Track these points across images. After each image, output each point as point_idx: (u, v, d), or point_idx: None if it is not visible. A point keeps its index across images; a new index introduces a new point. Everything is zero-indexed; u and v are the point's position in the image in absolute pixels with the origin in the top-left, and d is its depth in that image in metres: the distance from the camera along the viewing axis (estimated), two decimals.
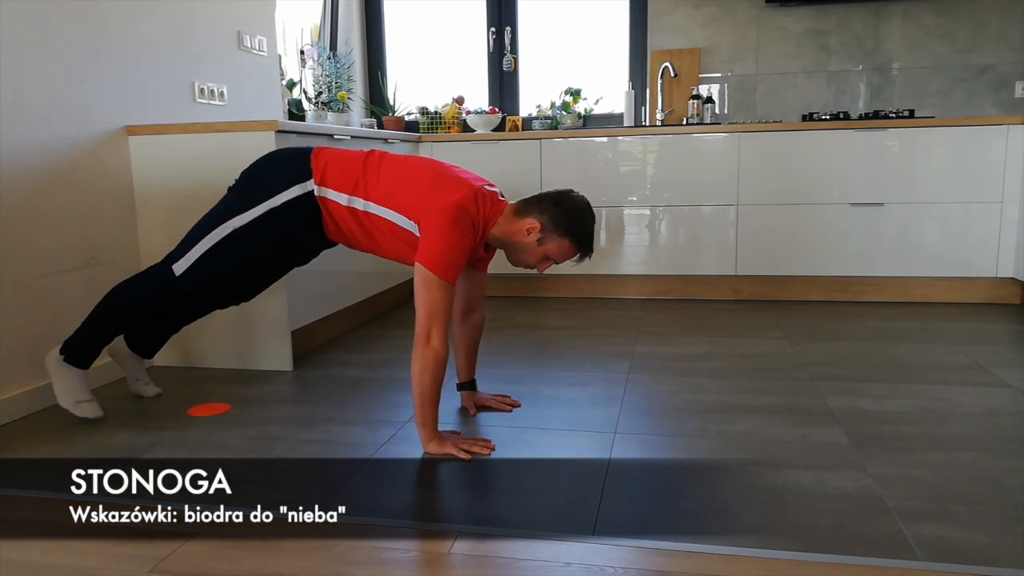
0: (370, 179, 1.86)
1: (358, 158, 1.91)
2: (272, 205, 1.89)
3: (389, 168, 1.88)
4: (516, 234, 1.87)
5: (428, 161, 1.94)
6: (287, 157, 1.97)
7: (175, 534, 1.44)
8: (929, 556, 1.31)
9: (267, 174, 1.94)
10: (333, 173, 1.88)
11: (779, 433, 1.91)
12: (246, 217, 1.91)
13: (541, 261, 1.91)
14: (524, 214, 1.87)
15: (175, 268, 1.96)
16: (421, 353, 1.74)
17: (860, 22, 3.90)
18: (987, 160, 3.33)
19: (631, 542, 1.38)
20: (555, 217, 1.85)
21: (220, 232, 1.93)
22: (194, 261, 1.95)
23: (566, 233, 1.86)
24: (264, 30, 3.30)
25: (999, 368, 2.43)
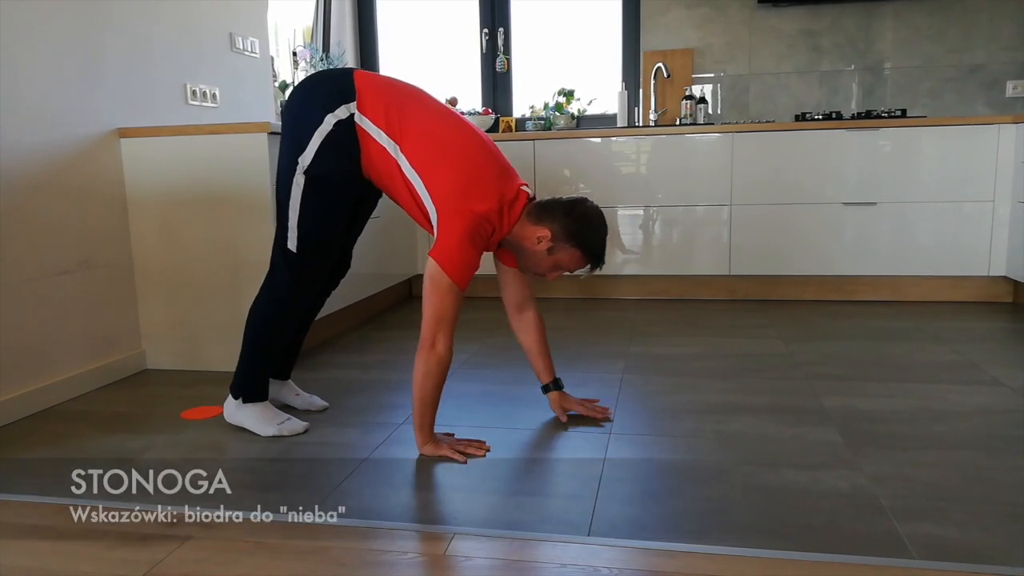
0: (414, 134, 1.76)
1: (412, 103, 1.80)
2: (325, 131, 1.77)
3: (437, 133, 1.78)
4: (526, 240, 1.83)
5: (467, 139, 1.80)
6: (329, 78, 1.85)
7: (169, 537, 1.43)
8: (923, 555, 1.31)
9: (312, 99, 1.81)
10: (376, 105, 1.77)
11: (773, 432, 1.91)
12: (309, 153, 1.78)
13: (551, 270, 1.87)
14: (535, 221, 1.82)
15: (289, 247, 1.86)
16: (425, 358, 1.72)
17: (852, 22, 3.91)
18: (979, 159, 3.35)
19: (626, 542, 1.38)
20: (566, 227, 1.80)
21: (297, 184, 1.81)
22: (297, 228, 1.84)
23: (577, 244, 1.82)
24: (256, 32, 3.29)
25: (992, 367, 2.44)
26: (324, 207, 1.85)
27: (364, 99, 1.78)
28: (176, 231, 2.54)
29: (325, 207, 1.85)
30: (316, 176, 1.81)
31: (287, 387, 2.15)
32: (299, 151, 1.80)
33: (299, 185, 1.81)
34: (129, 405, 2.24)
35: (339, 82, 1.81)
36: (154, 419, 2.12)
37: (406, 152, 1.76)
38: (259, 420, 1.97)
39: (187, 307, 2.56)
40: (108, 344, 2.48)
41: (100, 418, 2.13)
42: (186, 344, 2.59)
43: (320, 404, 2.15)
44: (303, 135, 1.79)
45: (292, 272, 1.89)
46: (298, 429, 1.97)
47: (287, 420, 1.98)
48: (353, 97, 1.77)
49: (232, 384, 1.99)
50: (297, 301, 1.95)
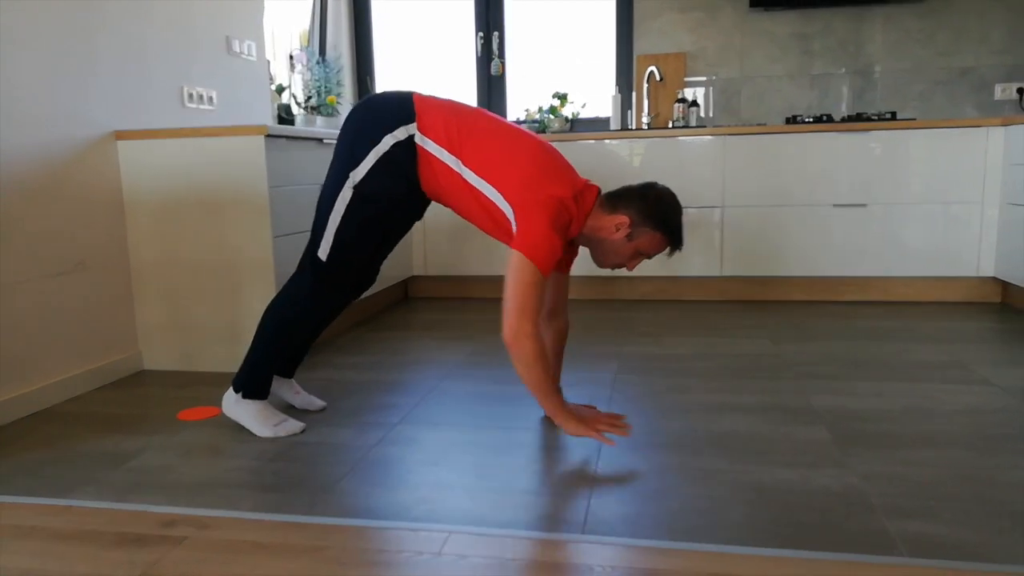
0: (474, 145, 1.78)
1: (469, 118, 1.82)
2: (381, 151, 1.79)
3: (498, 138, 1.79)
4: (603, 231, 1.81)
5: (530, 140, 1.82)
6: (388, 100, 1.85)
7: (165, 538, 1.43)
8: (913, 552, 1.33)
9: (371, 118, 1.83)
10: (436, 124, 1.79)
11: (764, 432, 1.93)
12: (361, 170, 1.81)
13: (632, 258, 1.85)
14: (610, 210, 1.81)
15: (320, 256, 1.87)
16: (518, 353, 1.71)
17: (843, 26, 3.94)
18: (968, 161, 3.38)
19: (621, 541, 1.39)
20: (643, 210, 1.79)
21: (344, 197, 1.82)
22: (333, 238, 1.85)
23: (657, 226, 1.80)
24: (253, 35, 3.30)
25: (981, 366, 2.46)
26: (364, 224, 1.86)
27: (424, 120, 1.80)
28: (173, 233, 2.54)
29: (365, 224, 1.86)
30: (364, 193, 1.82)
31: (289, 385, 2.16)
32: (352, 165, 1.82)
33: (345, 199, 1.83)
34: (125, 406, 2.25)
35: (400, 104, 1.82)
36: (150, 420, 2.12)
37: (469, 164, 1.77)
38: (256, 418, 1.97)
39: (183, 309, 2.57)
40: (104, 345, 2.48)
41: (96, 419, 2.13)
42: (182, 345, 2.60)
43: (319, 404, 2.16)
44: (359, 151, 1.81)
45: (317, 279, 1.89)
46: (294, 430, 1.98)
47: (284, 421, 1.99)
48: (413, 118, 1.80)
49: (235, 377, 1.99)
50: (317, 308, 1.94)
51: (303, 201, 2.70)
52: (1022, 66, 3.81)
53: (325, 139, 2.85)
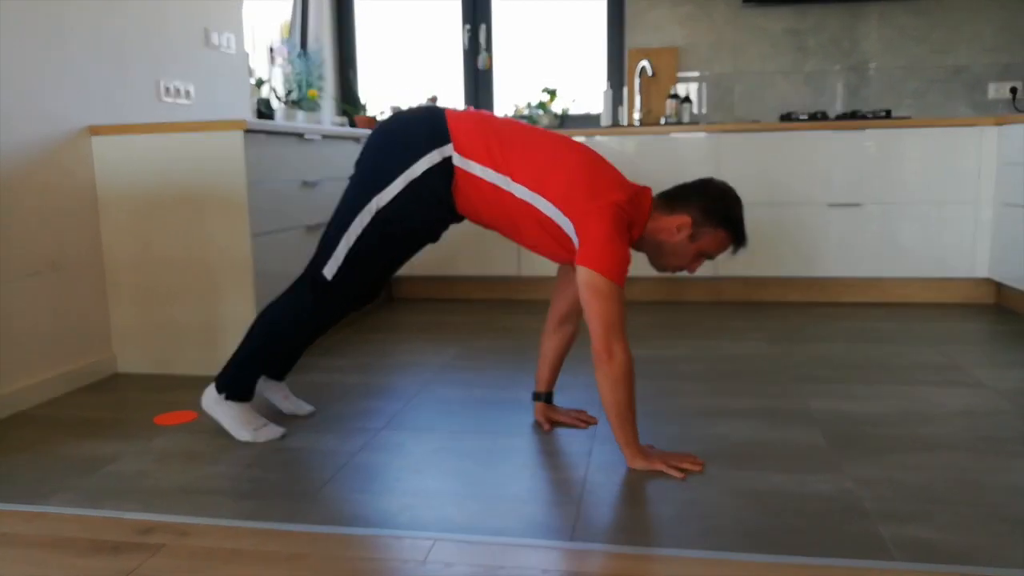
0: (519, 159, 1.70)
1: (507, 131, 1.74)
2: (412, 176, 1.71)
3: (542, 149, 1.72)
4: (663, 233, 1.74)
5: (583, 150, 1.75)
6: (418, 119, 1.76)
7: (142, 545, 1.40)
8: (907, 556, 1.31)
9: (400, 141, 1.74)
10: (476, 143, 1.71)
11: (759, 435, 1.90)
12: (388, 194, 1.72)
13: (694, 260, 1.78)
14: (668, 211, 1.74)
15: (325, 273, 1.80)
16: (607, 371, 1.64)
17: (837, 22, 3.92)
18: (962, 161, 3.36)
19: (610, 547, 1.36)
20: (705, 208, 1.72)
21: (363, 218, 1.74)
22: (344, 258, 1.78)
23: (720, 223, 1.73)
24: (232, 27, 3.24)
25: (976, 368, 2.44)
26: (380, 249, 1.80)
27: (461, 139, 1.72)
28: (149, 231, 2.48)
29: (381, 249, 1.80)
30: (386, 217, 1.75)
31: (278, 389, 2.10)
32: (377, 190, 1.74)
33: (363, 222, 1.76)
34: (100, 410, 2.19)
35: (432, 124, 1.73)
36: (126, 424, 2.07)
37: (518, 179, 1.70)
38: (236, 421, 1.92)
39: (160, 310, 2.51)
40: (78, 347, 2.42)
41: (70, 424, 2.08)
42: (159, 348, 2.54)
43: (307, 409, 2.11)
44: (386, 176, 1.73)
45: (316, 297, 1.84)
46: (274, 435, 1.93)
47: (264, 425, 1.94)
48: (448, 139, 1.72)
49: (219, 376, 1.93)
50: (314, 324, 1.89)
51: (283, 198, 2.65)
52: (1015, 65, 3.80)
53: (306, 134, 2.79)
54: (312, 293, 1.83)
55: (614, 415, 1.67)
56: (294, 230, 2.72)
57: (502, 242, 3.71)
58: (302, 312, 1.86)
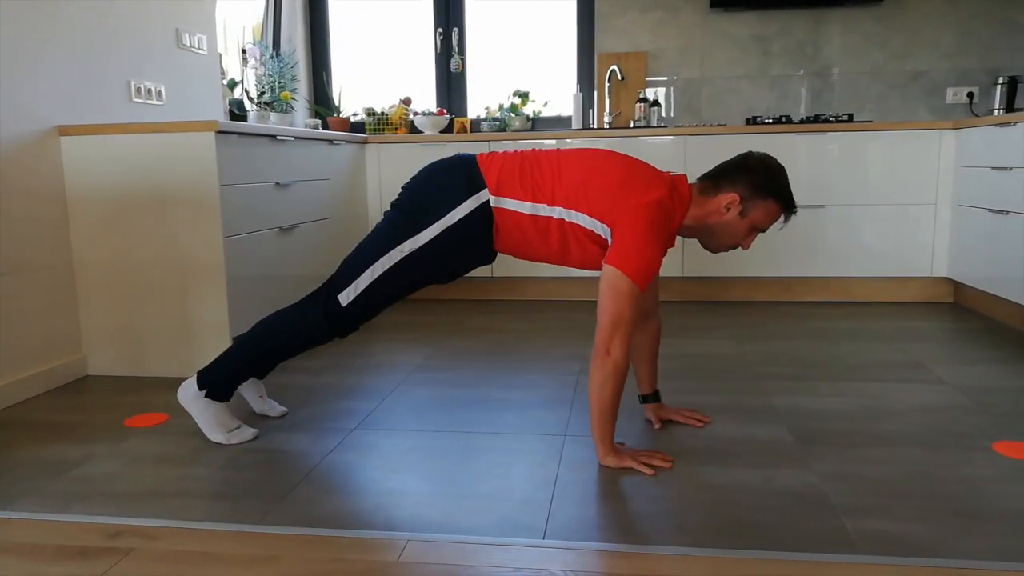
0: (552, 182, 1.73)
1: (533, 160, 1.78)
2: (448, 223, 1.75)
3: (570, 166, 1.74)
4: (712, 215, 1.75)
5: (610, 155, 1.77)
6: (454, 168, 1.79)
7: (111, 550, 1.38)
8: (870, 550, 1.34)
9: (437, 189, 1.78)
10: (509, 180, 1.74)
11: (726, 432, 1.93)
12: (421, 239, 1.76)
13: (747, 235, 1.78)
14: (714, 192, 1.75)
15: (341, 298, 1.81)
16: (600, 365, 1.66)
17: (801, 28, 3.99)
18: (921, 163, 3.45)
19: (581, 544, 1.38)
20: (752, 182, 1.73)
21: (392, 257, 1.78)
22: (364, 289, 1.80)
23: (769, 194, 1.73)
24: (204, 28, 3.22)
25: (935, 365, 2.50)
26: (405, 285, 1.83)
27: (493, 181, 1.75)
28: (119, 232, 2.46)
29: (406, 286, 1.83)
30: (415, 258, 1.78)
31: (256, 387, 2.09)
32: (412, 232, 1.77)
33: (392, 260, 1.78)
34: (69, 413, 2.16)
35: (467, 171, 1.77)
36: (95, 427, 2.04)
37: (556, 202, 1.72)
38: (210, 420, 1.91)
39: (131, 311, 2.49)
40: (47, 349, 2.39)
41: (39, 426, 2.05)
42: (130, 349, 2.51)
43: (279, 410, 2.11)
44: (423, 223, 1.76)
45: (328, 323, 1.84)
46: (247, 437, 1.92)
47: (238, 428, 1.93)
48: (483, 184, 1.75)
49: (203, 371, 1.91)
50: (316, 343, 1.89)
51: (256, 200, 2.64)
52: (972, 71, 3.90)
53: (279, 135, 2.78)
54: (324, 316, 1.83)
55: (596, 410, 1.69)
56: (267, 232, 2.71)
57: None
58: (309, 331, 1.86)
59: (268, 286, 2.72)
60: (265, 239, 2.70)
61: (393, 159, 3.77)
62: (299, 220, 2.97)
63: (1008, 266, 2.94)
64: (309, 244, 3.07)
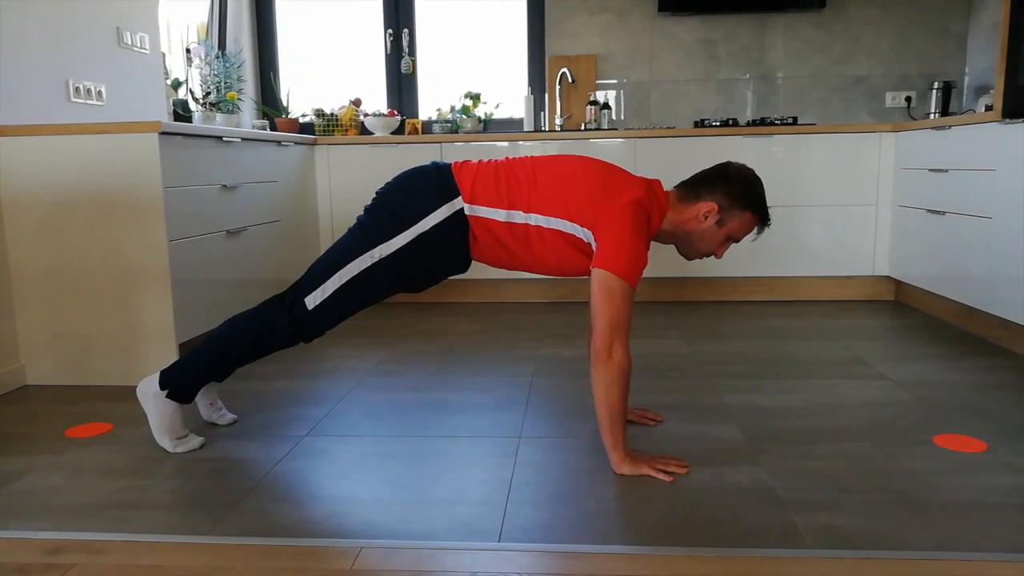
0: (528, 189, 1.73)
1: (508, 168, 1.78)
2: (421, 229, 1.74)
3: (546, 173, 1.74)
4: (690, 222, 1.77)
5: (585, 160, 1.78)
6: (428, 175, 1.79)
7: (51, 566, 1.34)
8: (819, 544, 1.37)
9: (410, 196, 1.77)
10: (484, 188, 1.74)
11: (678, 431, 1.96)
12: (393, 245, 1.75)
13: (722, 244, 1.81)
14: (693, 199, 1.77)
15: (307, 301, 1.79)
16: (605, 370, 1.64)
17: (746, 33, 4.07)
18: (863, 165, 3.55)
19: (537, 546, 1.38)
20: (731, 192, 1.75)
21: (362, 263, 1.76)
22: (331, 293, 1.78)
23: (747, 206, 1.76)
24: (146, 26, 3.13)
25: (877, 362, 2.58)
26: (374, 292, 1.81)
27: (468, 189, 1.74)
28: (58, 236, 2.38)
29: (375, 292, 1.81)
30: (385, 267, 1.76)
31: (209, 393, 2.05)
32: (383, 239, 1.75)
33: (361, 265, 1.76)
34: (6, 424, 2.08)
35: (440, 179, 1.76)
36: (35, 439, 1.97)
37: (533, 209, 1.72)
38: (163, 423, 1.86)
39: (71, 318, 2.41)
40: None
41: None
42: (70, 358, 2.43)
43: (228, 418, 2.07)
44: (394, 229, 1.75)
45: (293, 326, 1.81)
46: (192, 446, 1.88)
47: (186, 436, 1.89)
48: (457, 192, 1.74)
49: (166, 371, 1.86)
50: (279, 345, 1.86)
51: (202, 202, 2.58)
52: (909, 76, 4.04)
53: (225, 137, 2.73)
54: (288, 318, 1.80)
55: (606, 416, 1.67)
56: (214, 235, 2.65)
57: None
58: (272, 333, 1.82)
59: (215, 291, 2.66)
60: (212, 243, 2.64)
61: (343, 161, 3.72)
62: (247, 223, 2.92)
63: (946, 265, 3.05)
64: (258, 247, 3.01)
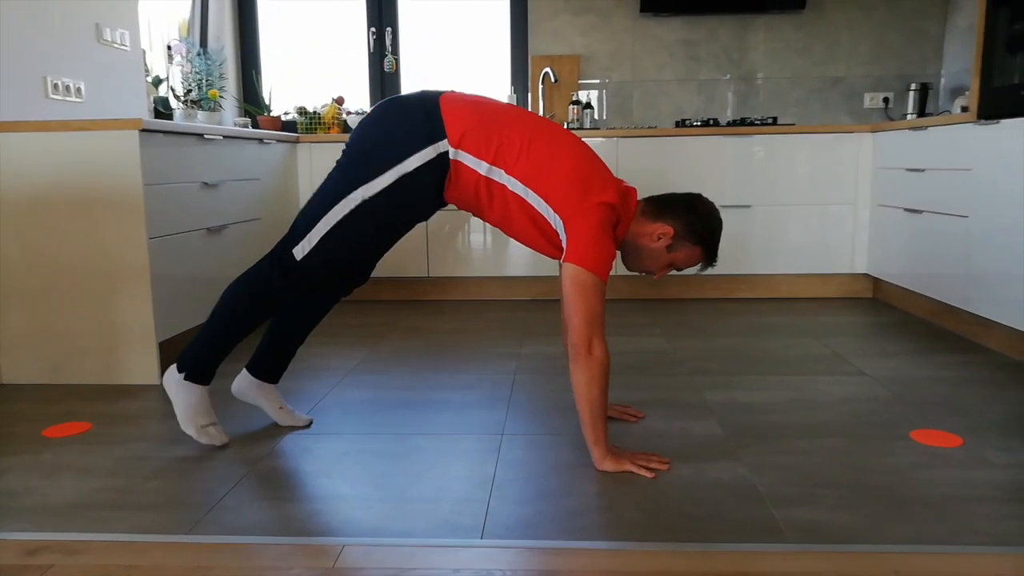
0: (517, 152, 1.68)
1: (504, 120, 1.71)
2: (404, 171, 1.67)
3: (540, 142, 1.70)
4: (643, 237, 1.78)
5: (581, 147, 1.75)
6: (414, 110, 1.70)
7: (28, 568, 1.32)
8: (798, 538, 1.39)
9: (394, 134, 1.69)
10: (474, 135, 1.67)
11: (659, 427, 1.97)
12: (376, 186, 1.68)
13: (664, 267, 1.82)
14: (654, 217, 1.78)
15: (295, 252, 1.74)
16: (585, 367, 1.64)
17: (727, 34, 4.10)
18: (841, 165, 3.59)
19: (520, 543, 1.38)
20: (691, 224, 1.76)
21: (346, 205, 1.69)
22: (317, 241, 1.72)
23: (699, 241, 1.78)
24: (126, 23, 3.10)
25: (856, 358, 2.61)
26: (361, 237, 1.74)
27: (456, 133, 1.68)
28: (37, 235, 2.35)
29: (362, 238, 1.75)
30: (371, 208, 1.70)
31: (270, 394, 2.01)
32: (365, 179, 1.69)
33: (346, 208, 1.70)
34: None
35: (427, 115, 1.69)
36: (12, 439, 1.95)
37: (513, 173, 1.69)
38: (188, 409, 1.83)
39: (50, 316, 2.38)
40: None
41: None
42: (48, 357, 2.40)
43: (304, 420, 2.03)
44: (376, 167, 1.68)
45: (284, 278, 1.76)
46: (217, 442, 1.86)
47: (211, 425, 1.86)
48: (443, 135, 1.68)
49: (180, 354, 1.85)
50: (280, 304, 1.81)
51: (182, 200, 2.56)
52: (887, 77, 4.08)
53: (206, 134, 2.71)
54: (279, 270, 1.76)
55: (587, 412, 1.68)
56: (194, 232, 2.63)
57: (411, 244, 3.70)
58: (265, 288, 1.78)
59: (196, 289, 2.64)
60: (192, 240, 2.62)
61: (325, 159, 3.71)
62: (228, 221, 2.90)
63: (923, 263, 3.09)
64: (239, 245, 2.99)
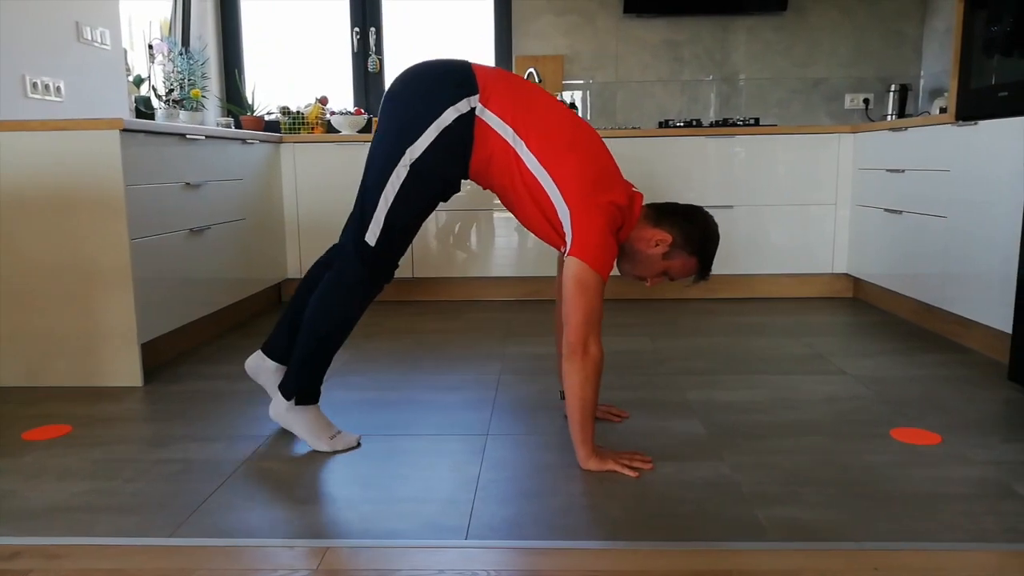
0: (535, 125, 1.67)
1: (529, 92, 1.71)
2: (443, 124, 1.65)
3: (561, 123, 1.69)
4: (641, 242, 1.78)
5: (591, 135, 1.75)
6: (443, 67, 1.70)
7: (6, 572, 1.31)
8: (780, 536, 1.40)
9: (429, 87, 1.67)
10: (499, 96, 1.66)
11: (643, 426, 1.98)
12: (421, 144, 1.66)
13: (657, 275, 1.82)
14: (654, 223, 1.78)
15: (369, 240, 1.71)
16: (580, 366, 1.63)
17: (710, 35, 4.13)
18: (822, 165, 3.62)
19: (504, 543, 1.39)
20: (688, 234, 1.77)
21: (400, 172, 1.68)
22: (384, 220, 1.70)
23: (695, 252, 1.78)
24: (107, 21, 3.08)
25: (836, 357, 2.63)
26: (419, 204, 1.73)
27: (487, 91, 1.67)
28: (16, 236, 2.32)
29: (420, 204, 1.73)
30: (420, 171, 1.68)
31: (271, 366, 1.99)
32: (409, 141, 1.67)
33: (400, 176, 1.68)
34: None
35: (460, 73, 1.68)
36: None
37: (531, 147, 1.67)
38: (311, 429, 1.84)
39: (29, 318, 2.35)
40: None
41: None
42: (28, 358, 2.38)
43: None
44: (417, 125, 1.66)
45: (366, 267, 1.74)
46: (351, 443, 1.86)
47: (339, 433, 1.86)
48: (476, 90, 1.66)
49: (283, 384, 1.84)
50: (368, 298, 1.79)
51: (164, 201, 2.54)
52: (867, 79, 4.13)
53: (189, 134, 2.69)
54: (362, 264, 1.74)
55: (577, 410, 1.68)
56: (177, 233, 2.61)
57: None
58: (358, 286, 1.76)
59: (178, 290, 2.62)
60: (175, 241, 2.60)
61: (309, 159, 3.69)
62: (211, 221, 2.88)
63: (902, 263, 3.12)
64: (222, 246, 2.98)
